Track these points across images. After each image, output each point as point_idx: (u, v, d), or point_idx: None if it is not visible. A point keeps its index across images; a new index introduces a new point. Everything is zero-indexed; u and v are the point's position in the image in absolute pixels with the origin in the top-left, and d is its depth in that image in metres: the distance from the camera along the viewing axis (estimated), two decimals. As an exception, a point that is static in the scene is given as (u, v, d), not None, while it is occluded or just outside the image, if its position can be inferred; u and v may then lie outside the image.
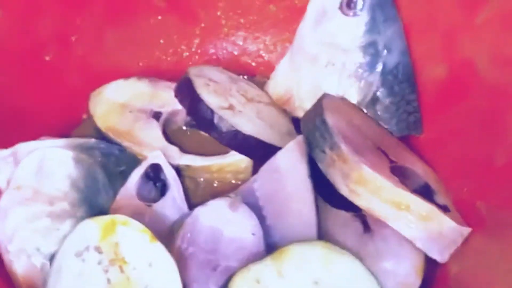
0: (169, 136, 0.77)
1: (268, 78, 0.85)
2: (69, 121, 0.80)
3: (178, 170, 0.71)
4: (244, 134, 0.69)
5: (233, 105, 0.72)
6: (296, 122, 0.76)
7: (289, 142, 0.67)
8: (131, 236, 0.57)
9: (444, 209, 0.63)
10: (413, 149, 0.74)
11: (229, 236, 0.61)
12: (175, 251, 0.58)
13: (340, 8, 0.73)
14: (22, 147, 0.68)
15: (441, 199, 0.65)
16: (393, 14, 0.73)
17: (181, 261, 0.58)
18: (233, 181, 0.74)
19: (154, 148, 0.71)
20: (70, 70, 0.80)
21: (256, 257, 0.58)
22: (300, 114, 0.76)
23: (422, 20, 0.73)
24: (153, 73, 0.84)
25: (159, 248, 0.56)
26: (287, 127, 0.76)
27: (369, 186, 0.62)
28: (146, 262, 0.56)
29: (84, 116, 0.81)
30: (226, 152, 0.73)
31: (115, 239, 0.57)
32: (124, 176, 0.70)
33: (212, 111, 0.70)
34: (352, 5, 0.73)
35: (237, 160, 0.72)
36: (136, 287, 0.55)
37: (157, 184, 0.70)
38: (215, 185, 0.74)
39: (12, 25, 0.71)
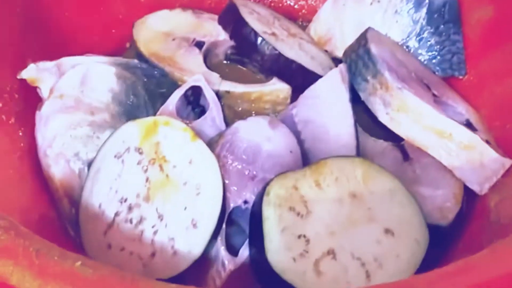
0: (210, 68, 0.77)
1: (309, 22, 0.85)
2: (113, 47, 0.81)
3: (218, 96, 0.71)
4: (286, 58, 0.70)
5: (276, 33, 0.73)
6: (336, 62, 0.76)
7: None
8: (172, 135, 0.58)
9: (486, 143, 0.62)
10: (456, 89, 0.74)
11: (267, 151, 0.61)
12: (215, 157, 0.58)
13: None
14: (67, 61, 0.69)
15: (482, 135, 0.64)
16: None
17: (221, 167, 0.58)
18: (271, 113, 0.74)
19: (195, 74, 0.72)
20: None
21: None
22: (341, 54, 0.76)
23: None
24: (198, 6, 0.85)
25: (201, 145, 0.57)
26: (327, 62, 0.76)
27: (411, 114, 0.63)
28: (187, 160, 0.57)
29: (128, 45, 0.82)
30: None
31: (157, 139, 0.58)
32: (164, 97, 0.70)
33: (256, 34, 0.71)
34: None
35: (276, 89, 0.72)
36: (175, 184, 0.56)
37: (196, 109, 0.71)
38: (253, 114, 0.74)
39: None
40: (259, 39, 0.70)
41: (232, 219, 0.58)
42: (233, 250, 0.57)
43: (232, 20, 0.74)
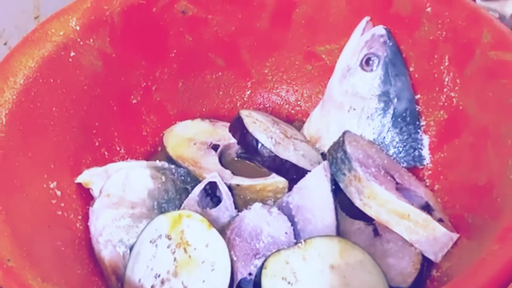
0: (224, 164, 0.93)
1: (304, 122, 1.01)
2: (148, 151, 0.97)
3: (230, 188, 0.87)
4: (281, 159, 0.87)
5: (274, 137, 0.89)
6: (324, 156, 0.93)
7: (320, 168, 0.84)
8: (193, 225, 0.74)
9: (440, 221, 0.77)
10: (417, 176, 0.89)
11: (267, 233, 0.77)
12: (225, 240, 0.74)
13: (361, 65, 0.90)
14: (112, 166, 0.86)
15: (438, 214, 0.80)
16: (403, 70, 0.90)
17: (230, 247, 0.74)
18: (273, 200, 0.89)
19: (212, 171, 0.88)
20: (150, 111, 0.97)
21: (287, 250, 0.74)
22: (326, 149, 0.92)
23: (425, 75, 0.88)
24: (213, 117, 1.02)
25: (214, 233, 0.73)
26: (316, 157, 0.92)
27: (378, 200, 0.78)
28: (204, 244, 0.72)
29: (159, 149, 0.98)
30: (268, 176, 0.90)
31: (181, 228, 0.74)
32: (188, 192, 0.86)
33: (257, 141, 0.87)
34: (370, 62, 0.89)
35: (276, 181, 0.88)
36: (196, 262, 0.72)
37: (213, 199, 0.88)
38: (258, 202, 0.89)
39: (109, 75, 0.88)
40: (259, 145, 0.86)
41: None
42: None
43: (239, 129, 0.90)
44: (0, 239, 0.62)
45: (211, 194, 0.88)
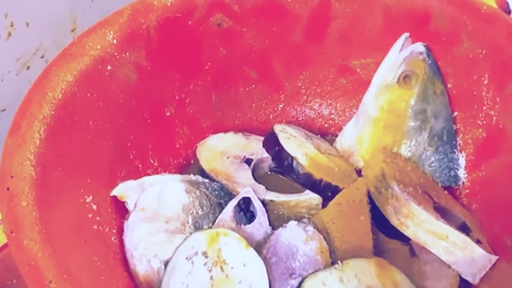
0: (257, 178, 0.93)
1: (337, 136, 1.01)
2: (181, 164, 0.97)
3: (263, 203, 0.87)
4: (315, 178, 0.87)
5: (309, 155, 0.89)
6: (359, 172, 0.92)
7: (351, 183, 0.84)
8: (231, 244, 0.74)
9: (478, 242, 0.77)
10: (453, 195, 0.88)
11: (303, 252, 0.77)
12: (261, 258, 0.74)
13: (398, 82, 0.89)
14: (147, 179, 0.86)
15: (475, 234, 0.79)
16: (441, 87, 0.89)
17: (266, 266, 0.73)
18: (306, 216, 0.88)
19: (245, 186, 0.87)
20: (183, 124, 0.96)
21: (323, 270, 0.73)
22: (360, 165, 0.93)
23: (464, 92, 0.87)
24: (246, 129, 1.01)
25: (252, 252, 0.73)
26: (349, 172, 0.92)
27: (415, 219, 0.77)
28: (242, 263, 0.72)
29: (192, 161, 0.97)
30: (301, 192, 0.89)
31: (218, 246, 0.74)
32: (222, 206, 0.85)
33: (292, 158, 0.87)
34: (408, 79, 0.88)
35: (310, 198, 0.87)
36: (233, 282, 0.71)
37: (247, 215, 0.87)
38: (292, 218, 0.87)
39: (144, 88, 0.88)
40: (295, 162, 0.86)
41: None
42: None
43: (273, 145, 0.90)
44: (42, 259, 0.62)
45: (245, 209, 0.87)
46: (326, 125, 1.06)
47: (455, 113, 0.89)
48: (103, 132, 0.82)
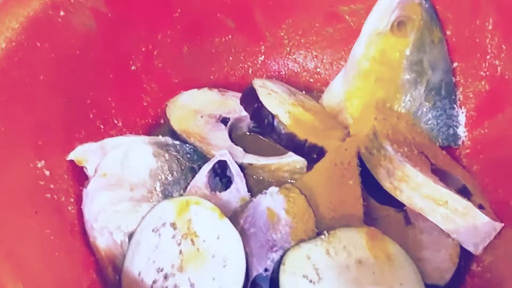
0: (234, 139, 0.85)
1: (323, 92, 0.92)
2: (149, 123, 0.89)
3: (241, 168, 0.79)
4: (299, 138, 0.78)
5: (291, 111, 0.80)
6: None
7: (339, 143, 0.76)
8: (202, 213, 0.66)
9: (480, 207, 0.69)
10: (453, 155, 0.81)
11: (285, 222, 0.69)
12: (238, 230, 0.66)
13: (391, 29, 0.80)
14: (109, 141, 0.78)
15: (477, 199, 0.72)
16: (439, 36, 0.80)
17: (244, 239, 0.65)
18: (289, 181, 0.81)
19: (221, 148, 0.80)
20: (151, 79, 0.89)
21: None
22: (349, 123, 0.84)
23: (465, 40, 0.79)
24: (223, 85, 0.94)
25: (227, 223, 0.65)
26: (339, 133, 0.82)
27: (411, 183, 0.70)
28: (215, 235, 0.64)
29: (162, 121, 0.90)
30: (284, 154, 0.81)
31: (189, 216, 0.66)
32: (195, 171, 0.78)
33: (273, 116, 0.79)
34: (402, 26, 0.80)
35: (293, 161, 0.79)
36: (205, 256, 0.64)
37: (223, 180, 0.79)
38: (273, 183, 0.82)
39: (104, 38, 0.80)
40: (276, 121, 0.78)
41: (254, 285, 0.65)
42: None
43: (252, 102, 0.82)
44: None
45: (221, 174, 0.80)
46: (311, 80, 0.98)
47: (455, 64, 0.81)
48: (56, 88, 0.74)
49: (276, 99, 0.82)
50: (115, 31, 0.82)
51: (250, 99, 0.83)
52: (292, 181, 0.80)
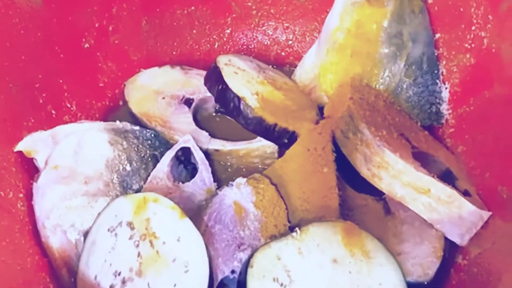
0: (199, 122, 0.80)
1: (296, 67, 0.87)
2: (107, 106, 0.84)
3: (207, 154, 0.74)
4: (268, 122, 0.72)
5: (260, 91, 0.75)
6: (321, 110, 0.78)
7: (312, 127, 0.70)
8: (161, 213, 0.60)
9: (465, 194, 0.65)
10: (437, 137, 0.76)
11: (254, 216, 0.64)
12: (202, 228, 0.62)
13: None
14: (61, 129, 0.72)
15: (462, 184, 0.67)
16: (420, 5, 0.75)
17: (208, 237, 0.61)
18: (260, 166, 0.76)
19: (185, 133, 0.74)
20: (107, 57, 0.83)
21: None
22: (324, 101, 0.79)
23: (448, 9, 0.74)
24: (186, 62, 0.88)
25: (188, 224, 0.59)
26: (310, 112, 0.77)
27: (390, 170, 0.65)
28: (175, 237, 0.59)
29: (121, 103, 0.84)
30: (253, 138, 0.75)
31: (147, 215, 0.61)
32: (157, 159, 0.73)
33: (239, 99, 0.73)
34: None
35: (263, 145, 0.74)
36: (165, 260, 0.58)
37: (188, 167, 0.74)
38: (243, 169, 0.77)
39: (51, 14, 0.74)
40: (242, 104, 0.72)
41: (222, 286, 0.61)
42: None
43: (216, 83, 0.76)
44: None
45: (185, 162, 0.74)
46: (283, 54, 0.94)
47: (437, 36, 0.77)
48: (0, 72, 0.68)
49: (243, 79, 0.76)
50: (64, 6, 0.76)
51: (214, 80, 0.77)
52: (264, 167, 0.75)
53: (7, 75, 0.69)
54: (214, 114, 0.84)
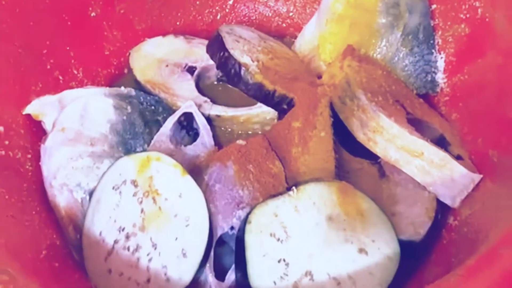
0: (202, 90, 0.82)
1: (296, 37, 0.88)
2: (112, 74, 0.85)
3: (209, 120, 0.76)
4: (267, 88, 0.74)
5: (260, 59, 0.76)
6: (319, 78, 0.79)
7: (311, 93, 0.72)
8: (164, 170, 0.62)
9: (458, 158, 0.66)
10: (431, 103, 0.77)
11: (252, 177, 0.65)
12: (203, 187, 0.63)
13: None
14: (67, 94, 0.74)
15: (455, 149, 0.69)
16: None
17: (209, 196, 0.63)
18: (260, 132, 0.78)
19: (187, 99, 0.76)
20: (113, 26, 0.85)
21: (277, 196, 0.62)
22: (323, 70, 0.80)
23: None
24: (189, 32, 0.89)
25: (189, 181, 0.61)
26: (309, 80, 0.78)
27: (385, 134, 0.67)
28: (177, 193, 0.61)
29: (125, 71, 0.86)
30: (254, 104, 0.77)
31: (150, 173, 0.63)
32: (160, 124, 0.74)
33: (239, 65, 0.74)
34: None
35: (263, 112, 0.76)
36: (167, 215, 0.61)
37: (190, 133, 0.76)
38: (243, 135, 0.79)
39: None
40: (243, 70, 0.73)
41: (220, 244, 0.63)
42: (220, 275, 0.61)
43: (218, 50, 0.77)
44: None
45: (187, 127, 0.76)
46: (284, 25, 0.95)
47: (434, 6, 0.78)
48: (9, 37, 0.70)
49: (244, 47, 0.77)
50: None
51: (216, 47, 0.78)
52: (263, 134, 0.76)
53: (16, 40, 0.70)
54: (216, 83, 0.85)
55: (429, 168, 0.66)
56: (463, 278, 0.45)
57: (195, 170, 0.67)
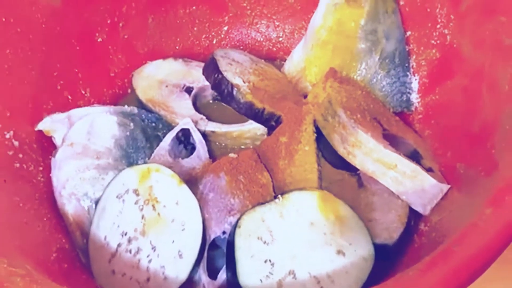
0: (198, 108, 0.88)
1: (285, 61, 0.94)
2: (116, 93, 0.91)
3: (205, 135, 0.82)
4: (257, 107, 0.80)
5: (251, 80, 0.83)
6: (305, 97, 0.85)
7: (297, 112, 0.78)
8: (163, 180, 0.69)
9: (429, 170, 0.72)
10: (406, 121, 0.83)
11: (243, 187, 0.71)
12: (198, 196, 0.69)
13: (347, 0, 0.82)
14: (76, 112, 0.80)
15: (427, 162, 0.75)
16: (393, 6, 0.83)
17: (203, 204, 0.69)
18: (251, 146, 0.84)
19: (185, 117, 0.82)
20: (117, 50, 0.90)
21: (265, 205, 0.68)
22: (308, 90, 0.86)
23: (417, 10, 0.82)
24: (188, 56, 0.95)
25: (185, 190, 0.68)
26: (296, 100, 0.84)
27: (363, 148, 0.73)
28: (174, 201, 0.68)
29: (129, 91, 0.92)
30: (245, 121, 0.83)
31: (150, 183, 0.69)
32: (160, 139, 0.80)
33: (232, 86, 0.80)
34: None
35: (254, 128, 0.82)
36: (165, 221, 0.67)
37: (187, 147, 0.82)
38: (235, 149, 0.85)
39: (69, 11, 0.81)
40: (235, 90, 0.80)
41: (213, 247, 0.68)
42: (213, 275, 0.67)
43: (213, 72, 0.83)
44: None
45: (185, 142, 0.82)
46: (274, 49, 1.01)
47: (408, 33, 0.84)
48: (24, 60, 0.76)
49: (236, 69, 0.84)
50: (80, 4, 0.83)
51: (211, 70, 0.84)
52: (254, 147, 0.82)
53: (29, 64, 0.76)
54: (211, 101, 0.92)
55: (402, 179, 0.71)
56: (420, 272, 0.51)
57: (191, 180, 0.73)
